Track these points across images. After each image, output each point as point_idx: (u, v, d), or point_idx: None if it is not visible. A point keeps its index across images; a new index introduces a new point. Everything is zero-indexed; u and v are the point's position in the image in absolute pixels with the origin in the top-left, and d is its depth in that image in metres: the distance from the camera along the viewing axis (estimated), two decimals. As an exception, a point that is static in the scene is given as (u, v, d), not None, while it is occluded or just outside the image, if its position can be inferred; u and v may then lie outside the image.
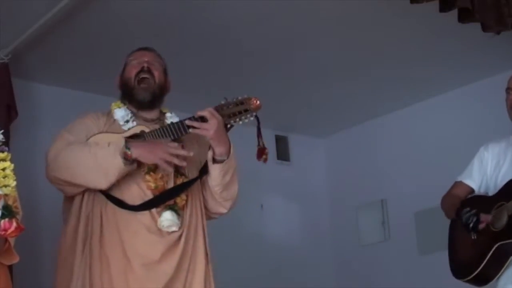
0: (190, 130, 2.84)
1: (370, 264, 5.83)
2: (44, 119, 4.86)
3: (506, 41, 4.27)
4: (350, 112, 5.81)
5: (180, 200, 2.87)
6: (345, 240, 6.10)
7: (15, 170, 2.33)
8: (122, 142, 2.78)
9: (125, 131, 2.94)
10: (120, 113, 3.01)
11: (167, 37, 4.32)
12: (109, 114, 3.06)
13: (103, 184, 2.77)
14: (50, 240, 4.65)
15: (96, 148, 2.79)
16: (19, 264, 2.48)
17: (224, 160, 2.88)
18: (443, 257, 3.54)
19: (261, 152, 3.01)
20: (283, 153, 6.07)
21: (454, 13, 3.49)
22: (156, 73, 3.03)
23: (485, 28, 3.60)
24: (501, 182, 3.34)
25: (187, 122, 2.85)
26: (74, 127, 2.96)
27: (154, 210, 2.81)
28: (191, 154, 2.84)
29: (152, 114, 3.04)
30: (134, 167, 2.78)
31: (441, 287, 3.86)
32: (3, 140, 2.31)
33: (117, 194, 2.82)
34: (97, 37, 4.32)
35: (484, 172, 3.47)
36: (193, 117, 2.85)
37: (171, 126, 2.88)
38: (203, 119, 2.82)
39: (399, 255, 5.62)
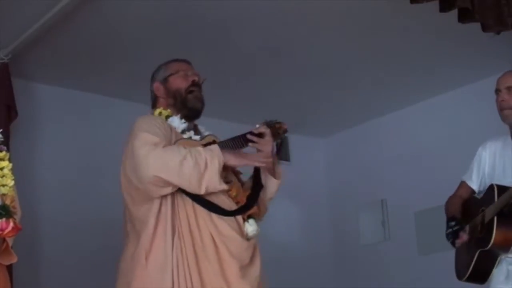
0: (250, 144, 3.05)
1: (370, 264, 5.83)
2: (44, 119, 4.86)
3: (506, 41, 4.27)
4: (350, 112, 5.81)
5: (256, 209, 3.06)
6: (345, 240, 6.11)
7: (14, 170, 2.33)
8: (218, 150, 2.90)
9: (188, 139, 3.05)
10: (176, 122, 3.09)
11: (167, 37, 4.32)
12: (164, 121, 3.10)
13: (203, 191, 2.86)
14: (50, 240, 4.68)
15: (196, 152, 2.86)
16: (19, 264, 2.48)
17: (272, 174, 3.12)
18: (443, 257, 3.56)
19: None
20: (283, 153, 6.06)
21: (454, 13, 3.49)
22: (202, 88, 3.20)
23: (485, 28, 3.59)
24: (496, 181, 3.37)
25: (249, 137, 3.04)
26: (151, 129, 2.95)
27: (239, 217, 2.97)
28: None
29: (191, 125, 3.16)
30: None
31: (441, 287, 3.86)
32: (2, 139, 2.31)
33: (208, 199, 2.93)
34: (97, 37, 4.32)
35: (482, 172, 3.52)
36: (252, 132, 3.05)
37: (235, 139, 3.06)
38: (261, 135, 3.04)
39: (399, 255, 5.62)
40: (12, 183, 2.18)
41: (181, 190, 2.88)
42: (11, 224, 2.04)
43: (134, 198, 2.95)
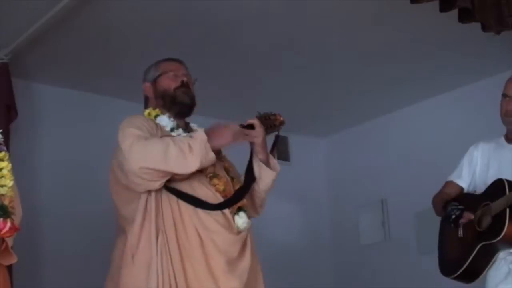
0: None
1: (370, 264, 5.83)
2: (44, 119, 4.86)
3: (506, 41, 4.27)
4: (350, 112, 5.81)
5: (245, 201, 3.04)
6: (345, 240, 6.11)
7: (14, 170, 2.32)
8: (200, 132, 2.88)
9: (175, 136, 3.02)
10: (165, 120, 3.09)
11: (167, 37, 4.32)
12: (151, 120, 3.10)
13: (193, 167, 2.83)
14: (50, 240, 4.68)
15: (177, 139, 2.87)
16: (19, 264, 2.48)
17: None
18: (443, 257, 3.55)
19: None
20: (283, 153, 6.06)
21: (454, 13, 3.49)
22: (191, 88, 3.18)
23: (485, 28, 3.59)
24: (490, 181, 3.38)
25: None
26: (136, 125, 2.97)
27: (226, 211, 2.93)
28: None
29: (182, 124, 3.14)
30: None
31: (441, 287, 3.86)
32: (2, 139, 2.30)
33: (192, 194, 2.91)
34: (97, 37, 4.32)
35: (473, 171, 3.52)
36: (242, 124, 3.01)
37: None
38: (251, 127, 3.01)
39: (399, 255, 5.62)
40: (11, 183, 2.17)
41: (165, 187, 2.86)
42: (9, 224, 2.03)
43: (121, 197, 2.97)
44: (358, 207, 6.01)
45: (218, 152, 2.95)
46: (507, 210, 3.19)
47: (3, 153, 2.25)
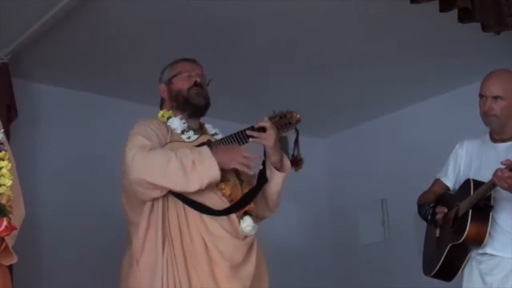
0: (250, 139, 3.01)
1: (370, 264, 5.83)
2: (44, 119, 4.86)
3: (506, 41, 4.27)
4: (350, 112, 5.81)
5: (252, 206, 3.04)
6: (345, 240, 6.10)
7: (14, 170, 2.32)
8: (206, 150, 2.89)
9: (186, 140, 3.03)
10: (176, 122, 3.10)
11: (167, 37, 4.32)
12: (163, 122, 3.11)
13: (192, 188, 2.85)
14: (51, 240, 4.67)
15: (182, 154, 2.85)
16: (19, 264, 2.47)
17: (277, 168, 3.09)
18: (443, 257, 3.55)
19: (297, 162, 3.31)
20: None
21: (454, 13, 3.49)
22: (205, 88, 3.19)
23: (485, 28, 3.60)
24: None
25: (248, 132, 3.01)
26: (145, 132, 2.98)
27: (233, 215, 2.94)
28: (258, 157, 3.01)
29: (197, 124, 3.16)
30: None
31: (441, 287, 3.86)
32: (3, 139, 2.30)
33: (198, 200, 2.91)
34: (97, 37, 4.32)
35: (458, 170, 3.53)
36: (253, 127, 3.01)
37: (234, 135, 3.03)
38: (263, 130, 3.00)
39: (399, 255, 5.61)
40: (10, 183, 2.17)
41: (171, 192, 2.88)
42: (5, 223, 2.02)
43: (130, 202, 2.99)
44: (358, 207, 6.01)
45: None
46: (470, 211, 3.21)
47: (3, 152, 2.24)
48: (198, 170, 2.82)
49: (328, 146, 6.39)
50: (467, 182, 3.34)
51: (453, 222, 3.31)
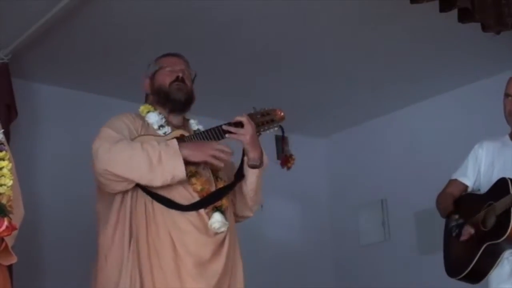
0: (227, 135, 2.93)
1: (370, 264, 5.83)
2: (44, 119, 4.86)
3: (506, 41, 4.27)
4: (350, 112, 5.81)
5: (224, 202, 2.95)
6: (345, 240, 6.10)
7: (14, 170, 2.31)
8: (174, 143, 2.82)
9: (161, 135, 2.99)
10: (154, 117, 3.05)
11: (167, 37, 4.32)
12: (141, 117, 3.08)
13: (159, 182, 2.79)
14: (51, 239, 4.67)
15: (149, 146, 2.80)
16: (19, 264, 2.47)
17: (256, 165, 2.99)
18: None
19: (287, 160, 3.25)
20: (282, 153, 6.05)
21: (454, 13, 3.49)
22: (188, 83, 3.12)
23: (485, 28, 3.59)
24: (494, 180, 3.36)
25: (224, 127, 2.94)
26: (115, 125, 2.96)
27: (202, 211, 2.87)
28: (233, 152, 2.92)
29: (179, 120, 3.11)
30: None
31: (441, 287, 3.86)
32: (3, 139, 2.30)
33: (165, 194, 2.86)
34: (97, 37, 4.32)
35: (478, 170, 3.50)
36: (230, 122, 2.94)
37: (209, 131, 2.96)
38: (240, 125, 2.92)
39: (399, 255, 5.62)
40: (10, 183, 2.16)
41: (138, 186, 2.84)
42: (5, 223, 2.02)
43: (102, 195, 2.97)
44: (358, 207, 6.01)
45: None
46: (511, 209, 3.18)
47: (3, 152, 2.24)
48: (164, 164, 2.75)
49: (328, 146, 6.39)
50: (503, 181, 3.28)
51: (483, 222, 3.28)
